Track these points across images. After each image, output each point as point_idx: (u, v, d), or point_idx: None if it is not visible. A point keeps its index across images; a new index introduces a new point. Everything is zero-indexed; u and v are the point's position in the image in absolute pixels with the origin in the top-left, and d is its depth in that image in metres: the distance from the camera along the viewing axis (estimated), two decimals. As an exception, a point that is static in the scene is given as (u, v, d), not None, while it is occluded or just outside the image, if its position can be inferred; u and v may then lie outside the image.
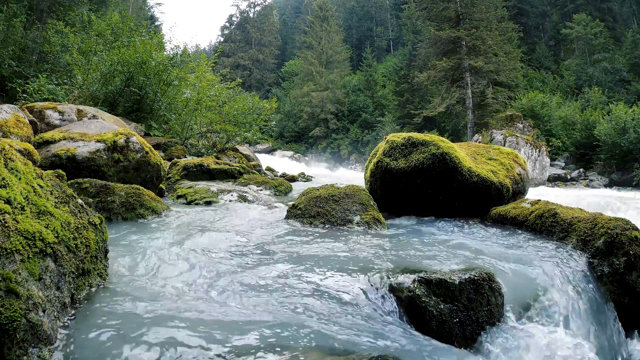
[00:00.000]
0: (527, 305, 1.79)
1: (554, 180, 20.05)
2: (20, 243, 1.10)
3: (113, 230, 2.41)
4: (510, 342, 1.62)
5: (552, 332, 1.73)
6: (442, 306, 1.59)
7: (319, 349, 1.18)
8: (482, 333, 1.63)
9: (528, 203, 2.97)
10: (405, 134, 3.41)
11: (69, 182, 2.72)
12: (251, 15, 54.67)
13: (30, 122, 4.22)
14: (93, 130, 3.95)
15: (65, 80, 9.38)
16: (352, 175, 15.96)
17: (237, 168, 5.51)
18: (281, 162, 20.01)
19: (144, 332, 1.18)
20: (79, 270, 1.37)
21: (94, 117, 5.49)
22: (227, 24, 56.54)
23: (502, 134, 20.71)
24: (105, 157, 3.55)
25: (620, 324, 2.00)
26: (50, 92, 7.48)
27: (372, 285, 1.66)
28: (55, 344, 1.09)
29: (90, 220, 1.54)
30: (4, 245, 1.05)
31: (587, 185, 18.34)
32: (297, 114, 39.12)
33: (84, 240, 1.44)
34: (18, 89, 8.28)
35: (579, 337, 1.76)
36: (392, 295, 1.61)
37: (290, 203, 3.13)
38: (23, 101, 7.07)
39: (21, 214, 1.18)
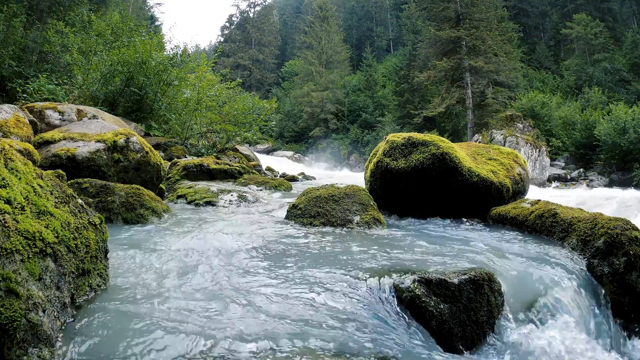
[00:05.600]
0: (527, 306, 1.79)
1: (554, 180, 20.04)
2: (20, 243, 1.10)
3: (113, 231, 2.41)
4: (510, 342, 1.62)
5: (551, 332, 1.73)
6: (442, 306, 1.59)
7: (319, 348, 1.18)
8: (482, 333, 1.63)
9: (528, 203, 2.97)
10: (405, 134, 3.41)
11: (69, 182, 2.72)
12: (251, 15, 54.64)
13: (30, 122, 4.22)
14: (93, 130, 3.95)
15: (65, 80, 9.38)
16: (352, 175, 15.96)
17: (237, 168, 5.51)
18: (281, 162, 20.00)
19: (144, 332, 1.18)
20: (79, 270, 1.37)
21: (94, 117, 5.49)
22: (227, 24, 56.51)
23: (502, 134, 20.71)
24: (105, 157, 3.55)
25: (620, 324, 2.00)
26: (50, 92, 7.48)
27: (371, 285, 1.66)
28: (55, 343, 1.09)
29: (90, 220, 1.54)
30: (4, 245, 1.05)
31: (588, 185, 18.33)
32: (297, 114, 39.08)
33: (84, 240, 1.44)
34: (18, 89, 8.28)
35: (578, 337, 1.76)
36: (392, 295, 1.61)
37: (291, 203, 3.13)
38: (23, 101, 7.07)
39: (21, 214, 1.18)
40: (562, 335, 1.72)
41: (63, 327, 1.18)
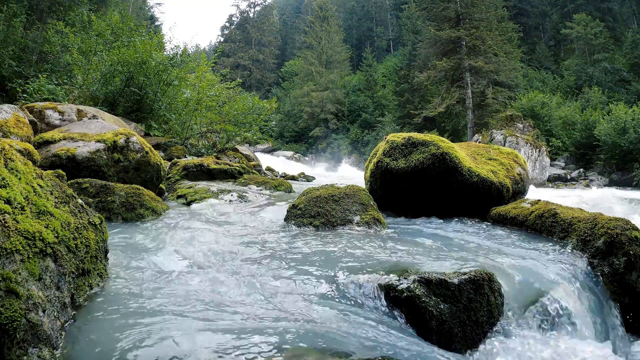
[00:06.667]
0: (527, 306, 1.79)
1: (554, 180, 20.04)
2: (20, 243, 1.10)
3: (113, 231, 2.41)
4: (510, 342, 1.62)
5: (552, 332, 1.73)
6: (442, 306, 1.59)
7: (319, 349, 1.18)
8: (482, 333, 1.63)
9: (528, 203, 2.97)
10: (405, 134, 3.41)
11: (69, 182, 2.72)
12: (251, 15, 54.64)
13: (30, 122, 4.22)
14: (93, 130, 3.95)
15: (65, 80, 9.37)
16: (352, 175, 15.97)
17: (237, 168, 5.51)
18: (281, 162, 20.00)
19: (143, 332, 1.18)
20: (79, 270, 1.37)
21: (94, 117, 5.49)
22: (227, 24, 56.52)
23: (502, 134, 20.71)
24: (105, 157, 3.55)
25: (620, 324, 2.00)
26: (50, 92, 7.47)
27: (371, 285, 1.66)
28: (55, 343, 1.09)
29: (90, 220, 1.54)
30: (4, 245, 1.05)
31: (587, 186, 18.32)
32: (297, 114, 39.08)
33: (84, 240, 1.44)
34: (18, 89, 8.28)
35: (578, 337, 1.76)
36: (392, 295, 1.61)
37: (290, 203, 3.13)
38: (23, 101, 7.07)
39: (21, 214, 1.18)
40: (563, 336, 1.72)
41: (63, 327, 1.18)
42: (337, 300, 1.57)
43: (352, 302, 1.58)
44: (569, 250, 2.30)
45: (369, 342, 1.30)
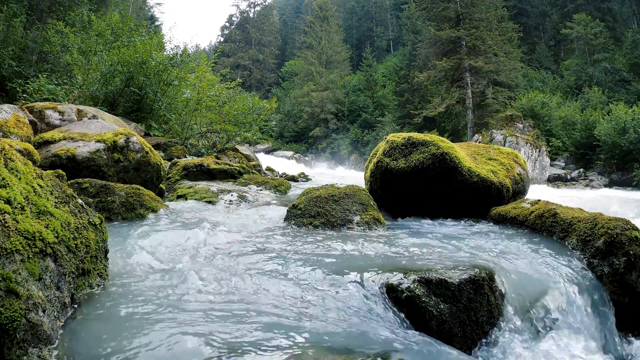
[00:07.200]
0: (527, 306, 1.79)
1: (554, 180, 20.03)
2: (20, 243, 1.10)
3: (113, 230, 2.41)
4: (509, 342, 1.62)
5: (551, 332, 1.73)
6: (442, 306, 1.59)
7: (319, 348, 1.18)
8: (482, 333, 1.63)
9: (528, 203, 2.98)
10: (405, 134, 3.41)
11: (69, 182, 2.72)
12: (251, 15, 54.66)
13: (30, 122, 4.22)
14: (93, 130, 3.94)
15: (65, 80, 9.38)
16: (352, 175, 15.96)
17: (237, 168, 5.51)
18: (281, 162, 20.00)
19: (143, 332, 1.18)
20: (79, 270, 1.37)
21: (94, 117, 5.49)
22: (227, 24, 56.55)
23: (502, 134, 20.71)
24: (105, 157, 3.55)
25: (620, 324, 2.00)
26: (50, 92, 7.48)
27: (371, 285, 1.66)
28: (55, 343, 1.09)
29: (90, 220, 1.54)
30: (4, 245, 1.05)
31: (587, 185, 18.32)
32: (297, 114, 39.09)
33: (84, 240, 1.44)
34: (18, 89, 8.29)
35: (578, 337, 1.76)
36: (391, 295, 1.61)
37: (291, 203, 3.13)
38: (23, 101, 7.07)
39: (21, 214, 1.18)
40: (562, 335, 1.72)
41: (63, 327, 1.18)
42: (337, 299, 1.57)
43: (352, 301, 1.58)
44: (569, 250, 2.30)
45: (369, 341, 1.30)
